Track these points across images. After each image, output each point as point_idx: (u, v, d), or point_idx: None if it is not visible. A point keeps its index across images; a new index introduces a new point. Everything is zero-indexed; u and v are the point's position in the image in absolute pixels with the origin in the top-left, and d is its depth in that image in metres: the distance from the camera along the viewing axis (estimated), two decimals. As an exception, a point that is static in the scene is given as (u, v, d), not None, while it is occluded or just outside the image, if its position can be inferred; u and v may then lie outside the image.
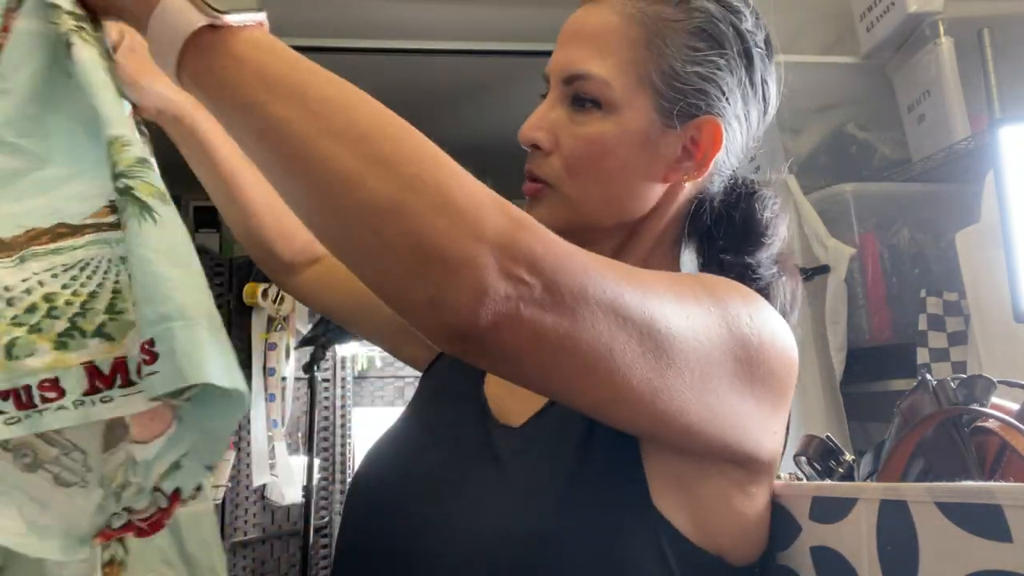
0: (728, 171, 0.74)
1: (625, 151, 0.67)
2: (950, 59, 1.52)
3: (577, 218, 0.70)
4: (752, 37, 0.69)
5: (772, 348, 0.59)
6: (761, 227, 0.71)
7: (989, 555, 0.50)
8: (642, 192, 0.69)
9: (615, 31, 0.68)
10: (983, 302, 1.28)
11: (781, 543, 0.67)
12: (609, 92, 0.67)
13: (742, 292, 0.61)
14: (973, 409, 0.68)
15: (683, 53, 0.67)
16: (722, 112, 0.68)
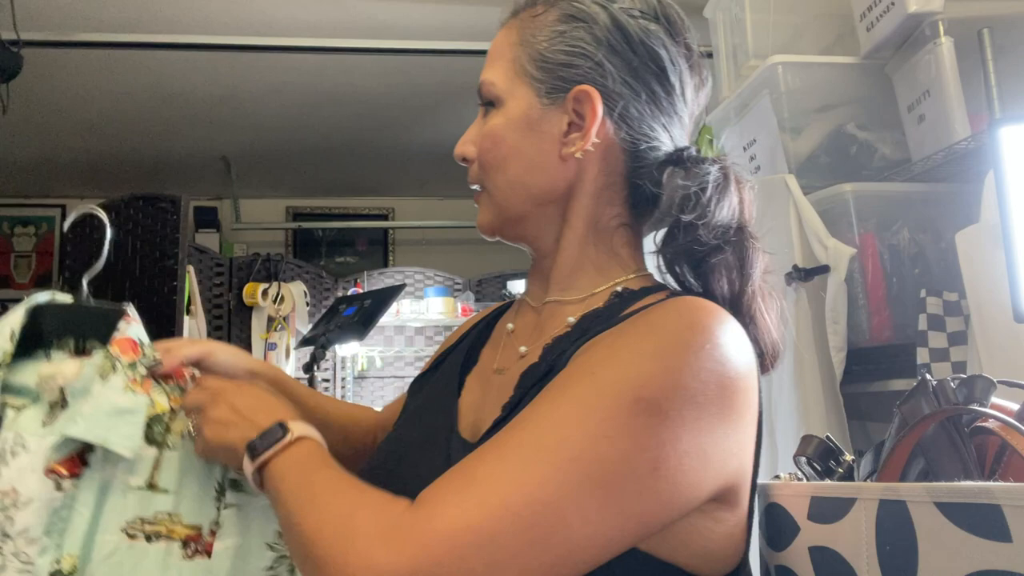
0: (664, 147, 0.76)
1: (514, 136, 0.75)
2: (950, 59, 1.52)
3: (501, 212, 0.77)
4: (627, 11, 0.74)
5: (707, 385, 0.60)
6: (688, 200, 0.72)
7: (988, 555, 0.50)
8: (543, 171, 0.74)
9: (502, 40, 0.78)
10: (983, 302, 1.28)
11: (779, 543, 0.67)
12: (495, 89, 0.76)
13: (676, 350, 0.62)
14: (973, 409, 0.68)
15: (549, 36, 0.74)
16: (596, 80, 0.73)
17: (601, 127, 0.73)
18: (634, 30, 0.74)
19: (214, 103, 3.09)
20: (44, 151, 3.59)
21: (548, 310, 0.78)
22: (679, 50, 0.77)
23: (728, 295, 0.71)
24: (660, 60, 0.75)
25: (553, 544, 0.56)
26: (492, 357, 0.82)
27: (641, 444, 0.57)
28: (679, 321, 0.63)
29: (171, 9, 2.41)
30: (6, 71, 2.16)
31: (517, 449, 0.58)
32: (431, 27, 2.55)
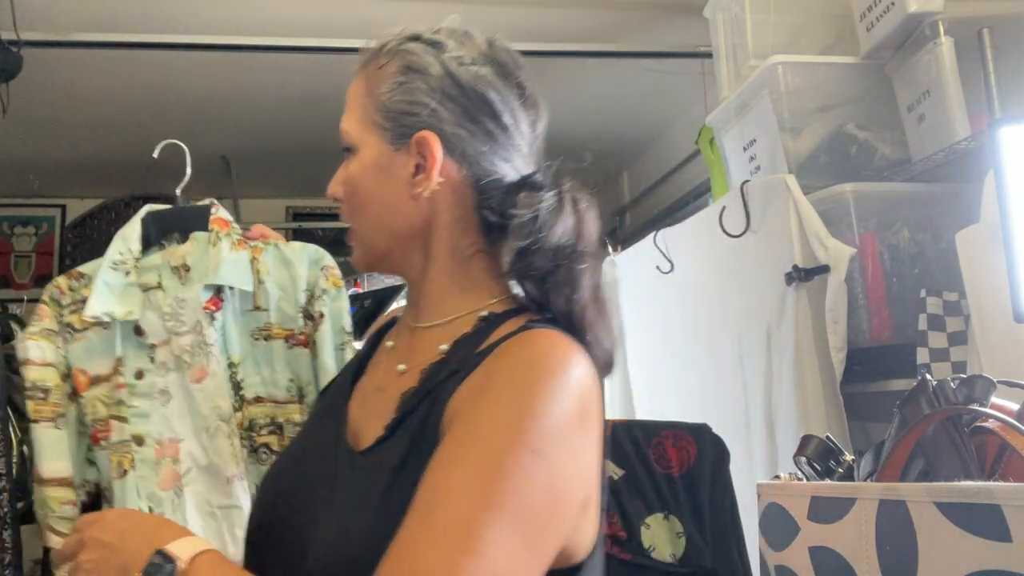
0: (504, 178, 0.84)
1: (369, 181, 0.84)
2: (950, 59, 1.52)
3: (368, 248, 0.88)
4: (457, 60, 0.84)
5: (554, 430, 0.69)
6: (523, 227, 0.79)
7: (988, 555, 0.50)
8: (398, 211, 0.83)
9: (354, 91, 0.88)
10: (983, 302, 1.28)
11: (779, 543, 0.67)
12: (350, 138, 0.86)
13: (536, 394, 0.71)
14: (973, 409, 0.68)
15: (390, 88, 0.84)
16: (434, 125, 0.82)
17: (444, 167, 0.82)
18: (465, 77, 0.84)
19: (214, 103, 3.09)
20: (44, 151, 3.59)
21: (419, 334, 0.86)
22: (510, 90, 0.86)
23: (564, 310, 0.79)
24: (491, 102, 0.84)
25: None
26: (375, 370, 0.91)
27: (535, 483, 0.67)
28: (533, 369, 0.72)
29: (171, 9, 2.41)
30: (6, 71, 2.16)
31: (464, 531, 0.63)
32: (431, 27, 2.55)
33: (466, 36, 0.88)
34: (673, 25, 2.54)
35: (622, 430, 1.56)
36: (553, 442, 0.69)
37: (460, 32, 0.89)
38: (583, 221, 0.83)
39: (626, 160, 4.00)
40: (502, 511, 0.64)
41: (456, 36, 0.87)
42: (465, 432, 0.70)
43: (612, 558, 1.49)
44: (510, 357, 0.74)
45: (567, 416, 0.70)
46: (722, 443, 1.53)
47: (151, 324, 1.23)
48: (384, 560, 0.64)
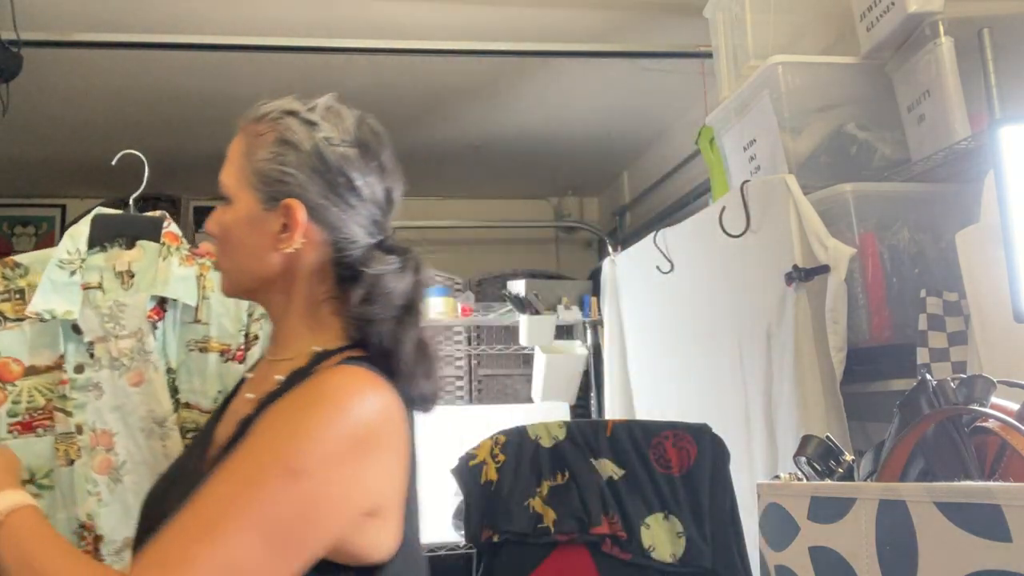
0: (360, 241, 0.97)
1: (239, 231, 0.98)
2: (950, 59, 1.52)
3: (235, 284, 1.02)
4: (327, 140, 0.96)
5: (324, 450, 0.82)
6: (371, 282, 0.94)
7: (988, 555, 0.50)
8: (262, 260, 0.97)
9: (235, 148, 1.01)
10: (983, 302, 1.28)
11: (779, 543, 0.67)
12: (228, 190, 0.99)
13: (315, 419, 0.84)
14: (973, 409, 0.68)
15: (267, 156, 0.96)
16: (301, 194, 0.95)
17: (307, 230, 0.95)
18: (332, 157, 0.96)
19: (214, 103, 3.09)
20: (44, 151, 3.59)
21: (272, 366, 0.99)
22: (371, 168, 0.99)
23: (387, 352, 0.92)
24: (353, 180, 0.97)
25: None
26: (239, 394, 1.05)
27: (287, 501, 0.79)
28: (320, 396, 0.85)
29: (171, 9, 2.41)
30: (6, 71, 2.16)
31: (206, 527, 0.77)
32: (432, 27, 2.55)
33: (338, 117, 1.00)
34: (673, 25, 2.54)
35: (622, 430, 1.56)
36: (317, 463, 0.81)
37: (334, 112, 1.00)
38: (420, 284, 0.99)
39: (626, 160, 4.00)
40: (245, 516, 0.78)
41: (329, 117, 0.99)
42: (241, 450, 0.83)
43: (612, 558, 1.49)
44: (306, 386, 0.88)
45: (338, 440, 0.83)
46: (722, 443, 1.53)
47: (88, 321, 1.27)
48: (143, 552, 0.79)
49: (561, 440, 1.56)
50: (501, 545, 1.53)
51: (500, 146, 3.67)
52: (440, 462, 1.81)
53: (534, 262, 4.39)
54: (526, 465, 1.56)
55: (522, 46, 2.53)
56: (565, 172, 4.15)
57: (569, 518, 1.50)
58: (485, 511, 1.54)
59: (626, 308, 2.69)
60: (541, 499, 1.53)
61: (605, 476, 1.53)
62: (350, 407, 0.85)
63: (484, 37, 2.57)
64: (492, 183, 4.28)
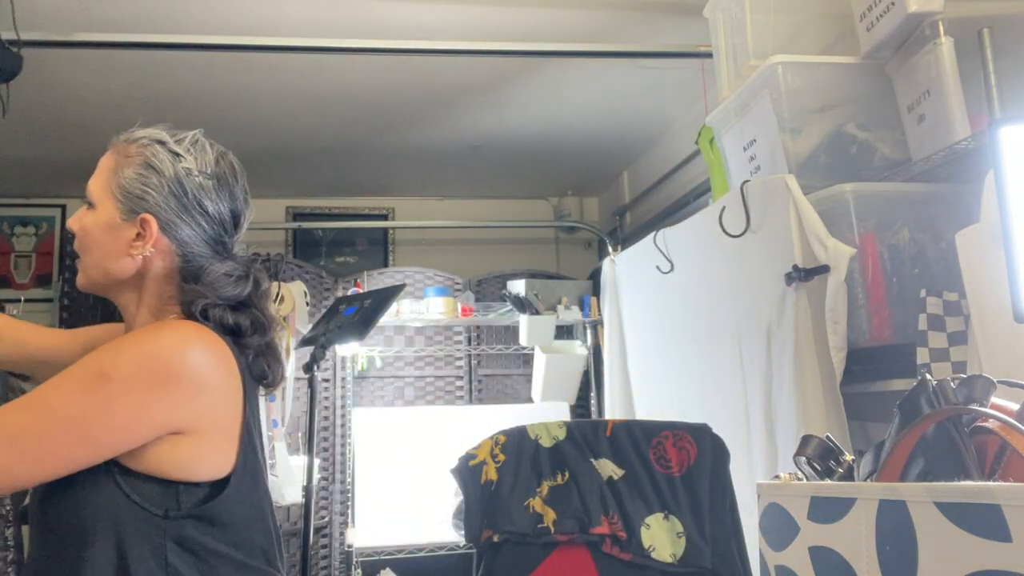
0: (203, 254, 1.14)
1: (98, 232, 1.12)
2: (950, 59, 1.52)
3: (89, 278, 1.15)
4: (187, 172, 1.13)
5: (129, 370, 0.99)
6: (207, 284, 1.11)
7: (988, 555, 0.50)
8: (116, 261, 1.11)
9: (106, 160, 1.16)
10: (983, 302, 1.28)
11: (779, 543, 0.67)
12: (93, 196, 1.13)
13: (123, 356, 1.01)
14: (973, 409, 0.68)
15: (132, 174, 1.12)
16: (157, 211, 1.11)
17: (158, 241, 1.11)
18: (189, 184, 1.12)
19: (214, 103, 3.09)
20: (44, 151, 3.59)
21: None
22: (223, 198, 1.15)
23: (234, 332, 1.11)
24: (204, 205, 1.14)
25: (29, 456, 0.95)
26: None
27: (91, 400, 0.96)
28: (144, 331, 1.05)
29: (171, 9, 2.41)
30: (6, 71, 2.16)
31: (22, 404, 0.96)
32: (431, 27, 2.55)
33: (202, 151, 1.16)
34: (673, 25, 2.54)
35: (622, 430, 1.56)
36: (124, 375, 0.98)
37: (199, 146, 1.16)
38: (260, 288, 1.17)
39: (626, 160, 4.00)
40: (49, 394, 0.97)
41: (194, 151, 1.15)
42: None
43: (612, 558, 1.49)
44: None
45: (137, 374, 0.98)
46: (722, 443, 1.53)
47: None
48: None
49: (561, 440, 1.56)
50: (501, 545, 1.53)
51: (500, 146, 3.67)
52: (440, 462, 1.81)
53: (534, 262, 4.39)
54: (526, 465, 1.56)
55: (522, 46, 2.53)
56: (565, 172, 4.15)
57: (569, 518, 1.50)
58: (485, 511, 1.54)
59: (626, 308, 2.69)
60: (541, 499, 1.53)
61: (605, 476, 1.53)
62: (162, 347, 1.01)
63: (484, 37, 2.57)
64: (492, 183, 4.28)
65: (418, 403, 3.90)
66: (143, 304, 1.14)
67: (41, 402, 0.97)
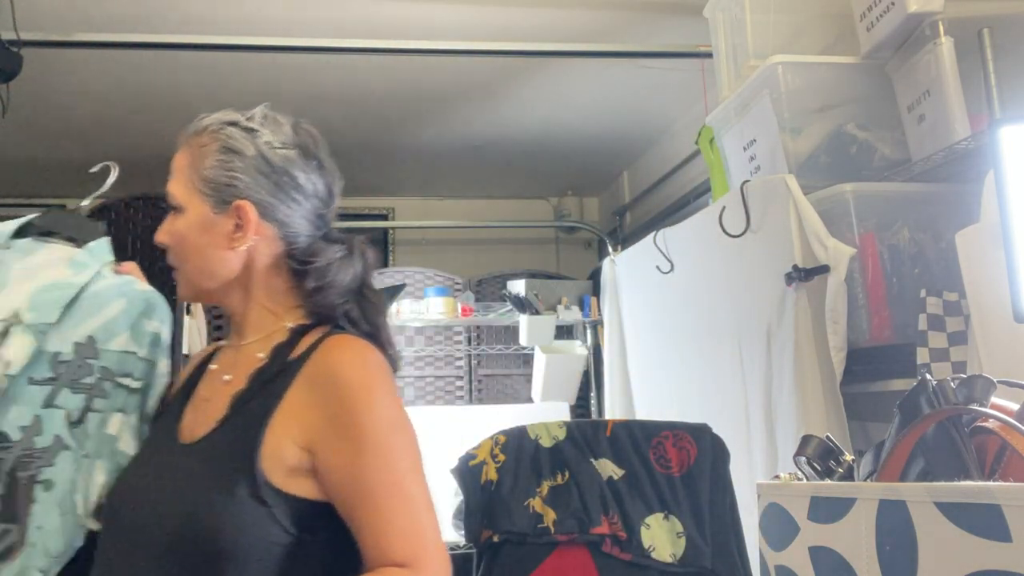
0: (306, 233, 1.07)
1: (194, 235, 1.04)
2: (950, 59, 1.52)
3: (194, 289, 1.08)
4: (268, 145, 1.04)
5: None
6: (319, 268, 1.04)
7: (988, 555, 0.50)
8: (219, 261, 1.04)
9: (180, 160, 1.07)
10: (983, 302, 1.28)
11: (779, 543, 0.67)
12: (178, 199, 1.05)
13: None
14: (973, 409, 0.68)
15: (212, 164, 1.04)
16: (251, 196, 1.03)
17: (259, 228, 1.03)
18: (274, 159, 1.04)
19: (214, 103, 3.09)
20: (44, 151, 3.59)
21: (242, 350, 1.07)
22: (311, 166, 1.07)
23: (360, 327, 1.05)
24: (296, 177, 1.05)
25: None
26: (203, 387, 1.10)
27: (413, 447, 0.97)
28: (352, 375, 0.96)
29: (171, 9, 2.41)
30: (6, 71, 2.16)
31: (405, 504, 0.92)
32: (431, 27, 2.55)
33: (276, 123, 1.07)
34: (673, 25, 2.54)
35: (622, 430, 1.56)
36: (400, 413, 0.97)
37: (271, 119, 1.08)
38: (368, 266, 1.09)
39: (626, 160, 4.00)
40: (407, 477, 0.93)
41: (268, 124, 1.07)
42: (353, 436, 0.93)
43: (612, 558, 1.49)
44: (335, 364, 0.98)
45: (394, 395, 0.98)
46: (722, 443, 1.53)
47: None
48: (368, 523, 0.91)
49: (561, 440, 1.56)
50: (501, 545, 1.53)
51: (500, 146, 3.67)
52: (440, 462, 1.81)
53: (534, 262, 4.38)
54: (526, 465, 1.56)
55: (522, 46, 2.53)
56: (565, 172, 4.15)
57: (569, 518, 1.50)
58: (485, 511, 1.54)
59: (626, 308, 2.69)
60: (541, 499, 1.53)
61: (605, 476, 1.53)
62: (380, 367, 0.99)
63: (484, 37, 2.57)
64: (492, 183, 4.28)
65: (418, 403, 3.90)
66: (254, 302, 1.07)
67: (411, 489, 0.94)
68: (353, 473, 0.92)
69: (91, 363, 1.10)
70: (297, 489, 0.93)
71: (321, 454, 0.93)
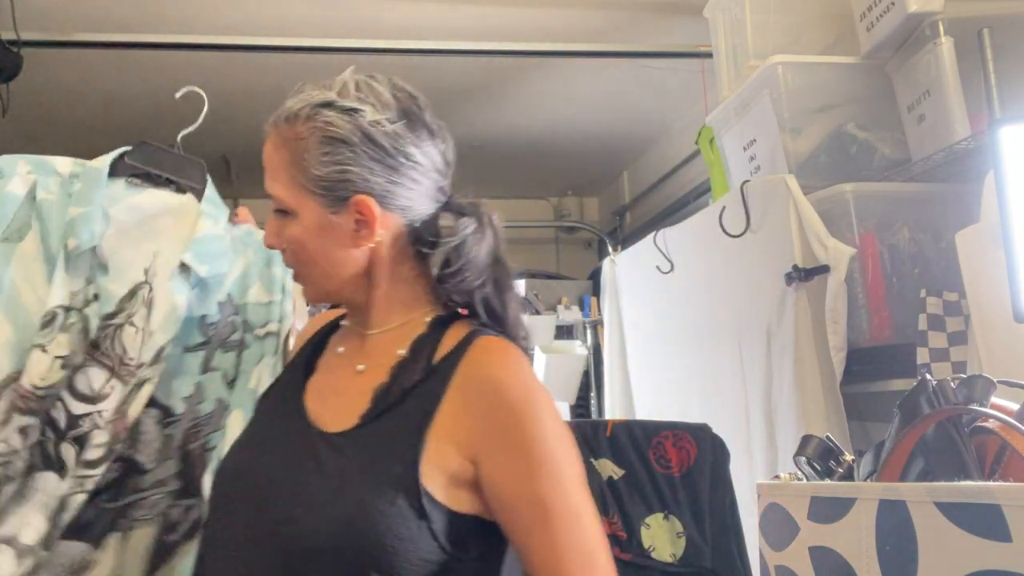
0: (430, 211, 0.98)
1: (312, 240, 0.94)
2: (950, 59, 1.52)
3: (320, 292, 0.99)
4: (374, 124, 0.92)
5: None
6: (452, 249, 0.95)
7: (988, 555, 0.50)
8: (344, 260, 0.95)
9: (275, 159, 0.96)
10: (983, 302, 1.28)
11: (779, 543, 0.67)
12: (287, 204, 0.94)
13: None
14: (973, 409, 0.68)
15: (318, 161, 0.92)
16: (368, 188, 0.92)
17: (383, 218, 0.94)
18: (384, 140, 0.92)
19: (214, 103, 3.09)
20: (44, 151, 3.59)
21: (371, 339, 0.99)
22: (422, 135, 0.96)
23: (498, 316, 0.98)
24: (411, 155, 0.94)
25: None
26: (328, 370, 1.02)
27: (579, 478, 0.89)
28: (516, 386, 0.90)
29: (172, 9, 2.41)
30: (6, 71, 2.16)
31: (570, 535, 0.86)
32: (431, 27, 2.55)
33: (374, 92, 0.95)
34: (673, 25, 2.54)
35: (622, 430, 1.56)
36: (562, 437, 0.89)
37: (366, 88, 0.96)
38: (498, 236, 1.01)
39: (626, 160, 4.00)
40: (578, 513, 0.87)
41: (366, 96, 0.95)
42: (524, 473, 0.87)
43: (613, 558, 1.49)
44: (485, 368, 0.91)
45: (554, 412, 0.90)
46: (722, 443, 1.53)
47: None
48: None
49: (561, 440, 1.56)
50: (501, 545, 1.53)
51: (500, 146, 3.67)
52: (440, 462, 1.80)
53: (534, 262, 4.38)
54: (526, 465, 1.56)
55: (522, 46, 2.53)
56: (565, 172, 4.15)
57: (569, 518, 1.50)
58: (485, 511, 1.54)
59: (626, 308, 2.69)
60: (541, 499, 1.52)
61: (605, 476, 1.53)
62: (535, 376, 0.93)
63: (484, 37, 2.57)
64: (492, 183, 4.28)
65: (418, 403, 3.90)
66: (379, 292, 0.98)
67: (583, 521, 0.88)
68: (525, 490, 0.87)
69: (233, 319, 1.09)
70: (454, 502, 0.87)
71: (486, 467, 0.87)
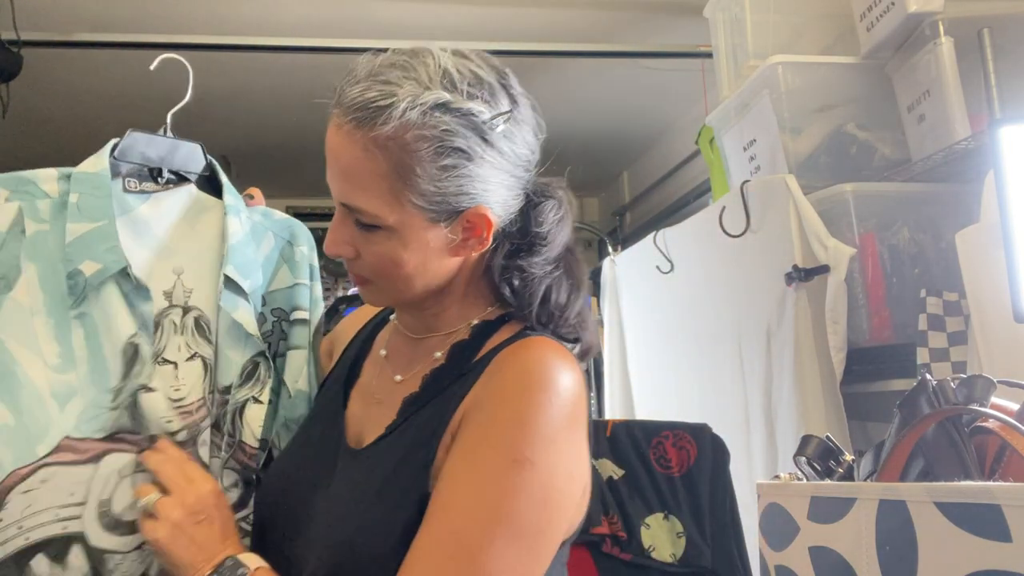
0: (521, 200, 0.88)
1: (414, 257, 0.82)
2: (950, 59, 1.52)
3: (399, 300, 0.89)
4: (491, 127, 0.80)
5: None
6: (538, 237, 0.86)
7: (988, 555, 0.50)
8: (438, 269, 0.85)
9: (363, 166, 0.80)
10: (983, 302, 1.28)
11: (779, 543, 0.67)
12: (383, 220, 0.80)
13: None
14: (973, 409, 0.68)
15: (433, 174, 0.78)
16: (485, 198, 0.82)
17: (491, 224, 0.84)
18: (502, 144, 0.81)
19: (214, 103, 3.09)
20: (44, 151, 3.59)
21: (417, 345, 0.91)
22: (527, 127, 0.86)
23: (561, 307, 0.87)
24: (521, 156, 0.85)
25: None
26: (371, 374, 0.95)
27: (528, 494, 0.73)
28: (524, 383, 0.78)
29: (171, 9, 2.41)
30: (6, 71, 2.16)
31: (459, 545, 0.72)
32: (431, 27, 2.55)
33: (480, 83, 0.80)
34: (673, 25, 2.54)
35: (622, 430, 1.56)
36: (545, 451, 0.75)
37: (474, 79, 0.80)
38: (572, 215, 0.92)
39: (626, 160, 4.00)
40: (500, 525, 0.73)
41: (478, 90, 0.80)
42: (466, 450, 0.77)
43: (612, 558, 1.49)
44: (505, 370, 0.81)
45: (557, 424, 0.77)
46: (722, 443, 1.53)
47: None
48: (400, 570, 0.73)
49: (561, 440, 1.56)
50: (501, 545, 1.53)
51: (500, 146, 3.67)
52: (440, 462, 1.80)
53: (534, 262, 4.38)
54: (526, 465, 1.56)
55: (522, 46, 2.53)
56: (565, 172, 4.15)
57: (569, 518, 1.50)
58: (485, 511, 1.54)
59: (626, 308, 2.69)
60: (541, 499, 1.53)
61: (605, 476, 1.53)
62: (558, 388, 0.78)
63: (484, 37, 2.57)
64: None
65: (418, 403, 3.89)
66: (452, 299, 0.89)
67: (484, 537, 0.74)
68: (437, 499, 0.75)
69: (262, 312, 1.04)
70: None
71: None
